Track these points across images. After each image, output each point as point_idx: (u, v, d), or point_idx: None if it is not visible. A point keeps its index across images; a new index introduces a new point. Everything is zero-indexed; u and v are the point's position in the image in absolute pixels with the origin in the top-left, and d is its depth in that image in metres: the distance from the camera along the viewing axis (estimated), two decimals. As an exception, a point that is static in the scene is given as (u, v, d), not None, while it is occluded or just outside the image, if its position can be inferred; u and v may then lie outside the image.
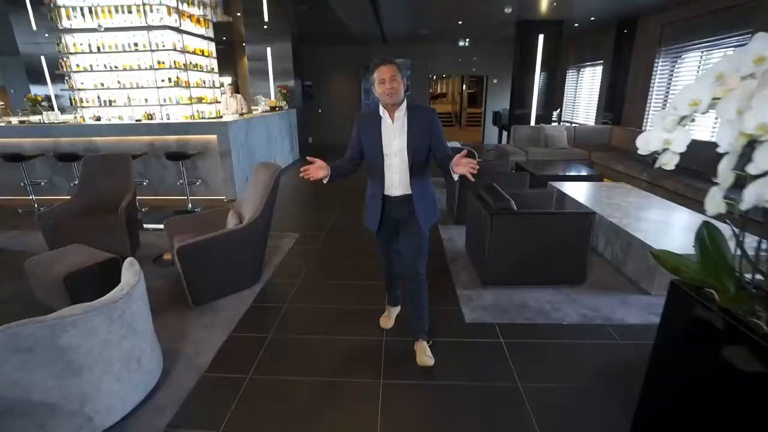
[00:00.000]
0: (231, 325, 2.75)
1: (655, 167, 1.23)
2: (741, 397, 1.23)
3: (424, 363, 2.29)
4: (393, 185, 2.17)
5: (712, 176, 1.11)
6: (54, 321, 1.59)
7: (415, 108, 2.13)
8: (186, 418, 1.98)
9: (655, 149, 1.22)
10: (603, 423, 1.92)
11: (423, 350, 2.34)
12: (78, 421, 1.75)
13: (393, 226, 2.30)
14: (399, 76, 2.02)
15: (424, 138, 2.09)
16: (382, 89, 2.02)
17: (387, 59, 2.04)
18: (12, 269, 3.69)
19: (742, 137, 0.93)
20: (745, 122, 0.90)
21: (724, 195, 1.03)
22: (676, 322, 1.52)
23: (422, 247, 2.25)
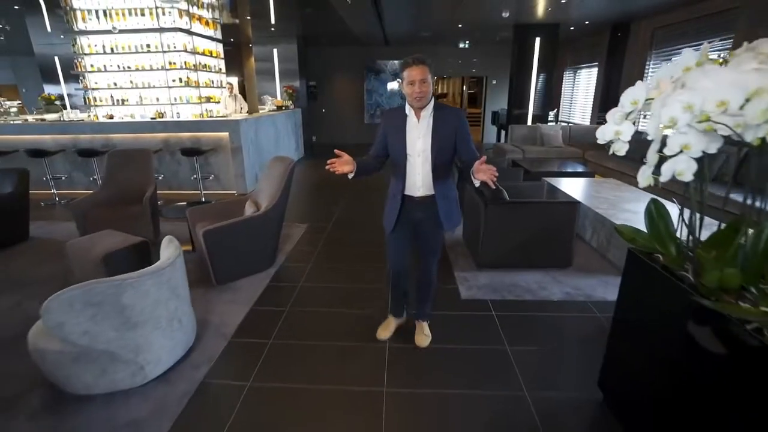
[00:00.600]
0: (251, 300, 3.08)
1: (609, 153, 1.54)
2: (679, 337, 1.55)
3: (420, 343, 2.48)
4: (415, 185, 2.14)
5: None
6: (118, 282, 1.92)
7: (442, 108, 2.07)
8: (219, 373, 2.30)
9: (609, 139, 1.54)
10: (576, 375, 2.24)
11: (422, 329, 2.54)
12: (132, 368, 2.07)
13: (411, 227, 2.26)
14: (429, 78, 1.96)
15: (448, 139, 2.05)
16: (411, 91, 1.96)
17: (418, 59, 1.95)
18: (48, 254, 4.03)
19: (661, 128, 1.25)
20: (662, 116, 1.21)
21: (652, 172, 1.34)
22: (632, 282, 1.84)
23: (439, 246, 2.30)
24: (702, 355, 1.40)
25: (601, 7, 6.96)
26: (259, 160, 6.77)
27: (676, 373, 1.55)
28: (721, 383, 1.31)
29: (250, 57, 11.56)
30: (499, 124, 10.95)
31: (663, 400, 1.61)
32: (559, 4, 6.55)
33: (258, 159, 6.70)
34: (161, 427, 1.91)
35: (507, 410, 2.02)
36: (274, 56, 9.61)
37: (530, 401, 2.07)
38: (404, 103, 2.11)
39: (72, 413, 1.99)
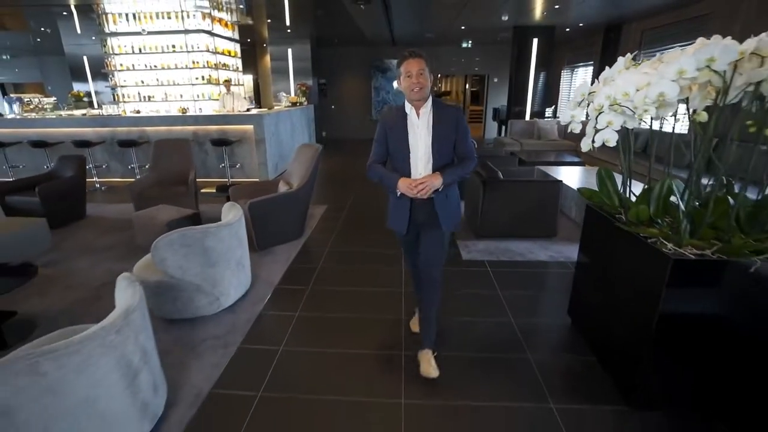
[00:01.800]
0: (288, 260, 3.72)
1: (567, 132, 2.16)
2: (614, 262, 2.17)
3: (428, 374, 2.15)
4: None
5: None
6: (203, 229, 2.56)
7: (440, 105, 2.05)
8: (272, 307, 2.94)
9: (568, 120, 2.15)
10: (552, 309, 2.86)
11: (428, 361, 2.19)
12: (210, 299, 2.72)
13: (416, 228, 2.20)
14: (427, 70, 1.95)
15: (449, 137, 2.02)
16: (408, 84, 1.94)
17: (415, 52, 1.94)
18: (105, 228, 4.70)
19: (594, 110, 1.86)
20: (595, 103, 1.83)
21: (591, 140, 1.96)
22: (589, 229, 2.47)
23: (444, 247, 2.21)
24: (625, 266, 2.03)
25: (594, 11, 7.55)
26: (279, 151, 7.41)
27: (611, 288, 2.18)
28: (636, 283, 1.93)
29: (265, 56, 12.20)
30: (500, 119, 11.54)
31: (605, 308, 2.24)
32: (555, 7, 7.14)
33: (278, 150, 7.35)
34: (236, 339, 2.56)
35: (497, 331, 2.65)
36: (288, 55, 10.25)
37: (515, 325, 2.70)
38: (402, 102, 2.08)
39: (168, 331, 2.64)
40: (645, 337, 1.85)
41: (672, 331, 1.80)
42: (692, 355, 1.85)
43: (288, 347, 2.50)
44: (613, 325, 2.17)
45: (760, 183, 1.78)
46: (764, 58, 1.48)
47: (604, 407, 2.00)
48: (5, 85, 13.93)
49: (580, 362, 2.34)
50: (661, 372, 1.90)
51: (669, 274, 1.70)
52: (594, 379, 2.20)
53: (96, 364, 1.47)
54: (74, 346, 1.40)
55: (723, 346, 1.82)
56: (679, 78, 1.53)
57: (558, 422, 1.92)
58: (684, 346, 1.83)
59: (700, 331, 1.81)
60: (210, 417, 1.96)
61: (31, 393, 1.33)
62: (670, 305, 1.75)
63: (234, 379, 2.23)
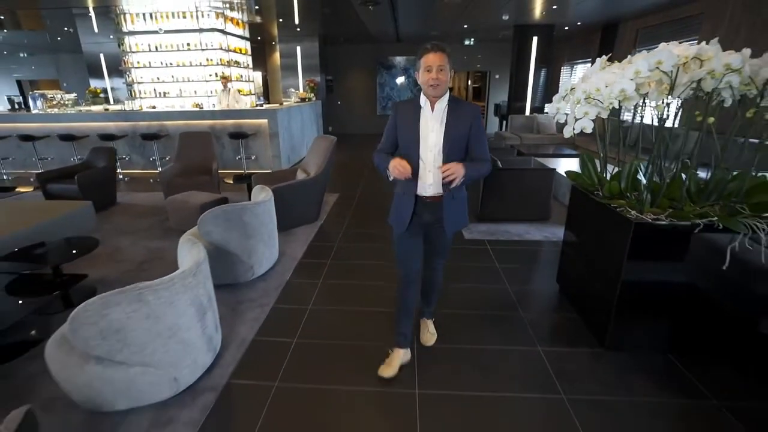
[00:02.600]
0: (308, 240, 4.14)
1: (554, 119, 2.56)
2: (596, 233, 2.57)
3: (426, 341, 2.45)
4: (426, 183, 2.01)
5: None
6: (241, 205, 2.98)
7: (458, 102, 1.98)
8: (298, 276, 3.37)
9: (554, 112, 2.55)
10: (543, 278, 3.28)
11: (427, 328, 2.51)
12: (245, 268, 3.14)
13: (421, 231, 2.15)
14: (448, 66, 1.87)
15: (462, 136, 1.94)
16: (427, 78, 1.86)
17: (438, 45, 1.85)
18: (136, 213, 5.13)
19: (574, 103, 2.26)
20: (574, 96, 2.23)
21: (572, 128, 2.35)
22: (574, 206, 2.88)
23: (447, 249, 2.25)
24: (599, 233, 2.44)
25: (591, 11, 7.90)
26: (291, 144, 7.82)
27: (590, 254, 2.59)
28: (607, 246, 2.34)
29: (273, 53, 12.61)
30: (501, 115, 11.92)
31: (585, 271, 2.66)
32: (554, 8, 7.51)
33: (290, 143, 7.76)
34: (269, 301, 2.98)
35: (495, 295, 3.07)
36: (297, 53, 10.63)
37: (511, 291, 3.12)
38: (419, 95, 2.01)
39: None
40: (614, 290, 2.26)
41: (634, 285, 2.21)
42: (651, 304, 2.27)
43: (315, 306, 2.92)
44: (591, 284, 2.59)
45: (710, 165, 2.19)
46: (703, 61, 1.88)
47: (581, 349, 2.42)
48: (22, 82, 14.35)
49: (565, 318, 2.76)
50: (626, 319, 2.31)
51: (631, 235, 2.11)
52: (575, 330, 2.62)
53: (179, 300, 1.89)
54: (166, 284, 1.83)
55: (674, 295, 2.23)
56: (636, 77, 1.93)
57: (543, 360, 2.34)
58: (644, 296, 2.25)
59: (657, 283, 2.22)
60: (256, 356, 2.39)
61: (137, 316, 1.76)
62: (632, 262, 2.16)
63: (271, 330, 2.65)
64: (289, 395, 2.09)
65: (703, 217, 2.05)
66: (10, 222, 3.38)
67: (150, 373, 1.88)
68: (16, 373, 2.23)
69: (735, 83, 1.80)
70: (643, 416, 1.93)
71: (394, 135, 2.07)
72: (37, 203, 4.06)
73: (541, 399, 2.06)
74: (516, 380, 2.18)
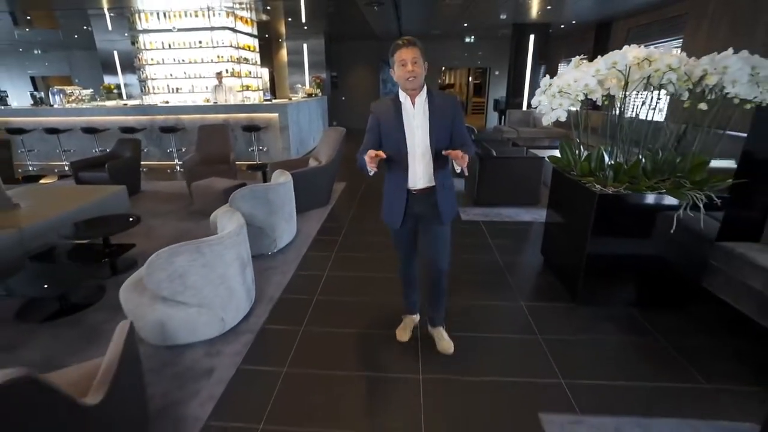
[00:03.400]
0: (320, 220, 4.59)
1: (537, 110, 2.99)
2: (569, 206, 3.02)
3: (444, 349, 2.34)
4: (417, 177, 2.06)
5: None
6: (266, 186, 3.43)
7: (435, 93, 2.02)
8: (313, 250, 3.82)
9: (536, 104, 2.99)
10: (530, 251, 3.73)
11: (441, 336, 2.40)
12: (269, 241, 3.59)
13: (414, 222, 2.20)
14: (421, 59, 1.90)
15: (446, 126, 1.98)
16: (402, 73, 1.90)
17: (409, 41, 1.89)
18: (159, 199, 5.58)
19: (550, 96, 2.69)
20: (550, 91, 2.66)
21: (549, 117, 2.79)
22: (554, 186, 3.32)
23: (447, 240, 2.21)
24: (572, 206, 2.89)
25: (585, 10, 8.30)
26: (299, 137, 8.27)
27: (565, 224, 3.03)
28: (578, 216, 2.79)
29: (280, 50, 13.02)
30: (500, 110, 12.33)
31: (562, 240, 3.11)
32: (548, 8, 7.91)
33: (299, 135, 8.20)
34: (290, 268, 3.43)
35: (487, 264, 3.52)
36: (304, 50, 11.06)
37: (501, 262, 3.57)
38: (396, 91, 2.04)
39: (238, 262, 3.51)
40: (582, 253, 2.71)
41: (599, 248, 2.66)
42: (613, 265, 2.72)
43: (330, 273, 3.38)
44: (566, 249, 3.04)
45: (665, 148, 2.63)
46: (651, 62, 2.32)
47: (557, 304, 2.87)
48: (35, 78, 14.80)
49: (545, 281, 3.21)
50: (594, 278, 2.76)
51: (596, 204, 2.56)
52: (553, 290, 3.07)
53: (227, 254, 2.35)
54: (217, 239, 2.28)
55: (633, 257, 2.68)
56: (597, 74, 2.37)
57: (524, 311, 2.79)
58: (608, 258, 2.70)
59: (618, 247, 2.67)
60: (284, 308, 2.85)
61: (196, 265, 2.21)
62: (597, 228, 2.61)
63: (294, 290, 3.11)
64: (314, 337, 2.55)
65: (654, 189, 2.50)
66: (61, 203, 3.85)
67: (204, 314, 2.34)
68: (83, 324, 2.69)
69: (674, 79, 2.24)
70: (602, 350, 2.39)
71: (377, 136, 2.06)
72: (80, 188, 4.54)
73: (519, 338, 2.51)
74: (500, 325, 2.64)
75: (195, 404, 1.99)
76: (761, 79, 2.16)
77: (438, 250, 2.20)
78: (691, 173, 2.51)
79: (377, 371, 2.24)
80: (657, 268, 2.69)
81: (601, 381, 2.13)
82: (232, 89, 8.76)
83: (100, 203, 4.11)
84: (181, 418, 1.91)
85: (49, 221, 3.50)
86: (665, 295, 2.78)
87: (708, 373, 2.17)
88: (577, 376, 2.17)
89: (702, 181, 2.45)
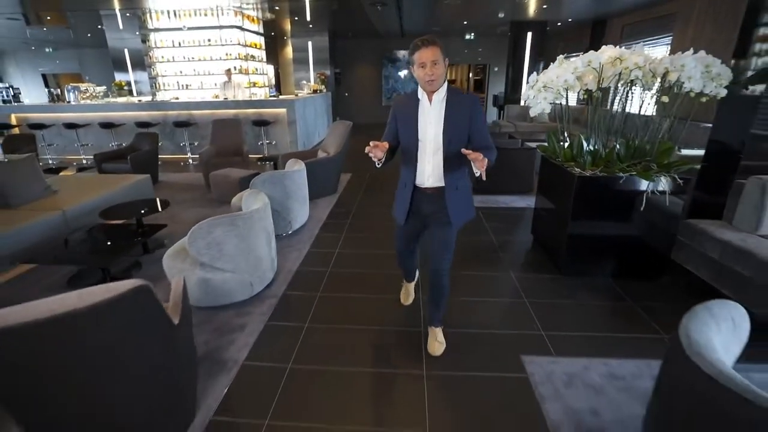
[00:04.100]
0: (329, 206, 4.98)
1: (525, 103, 3.36)
2: (554, 189, 3.38)
3: (434, 351, 2.31)
4: (425, 175, 2.05)
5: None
6: (283, 172, 3.81)
7: (456, 93, 1.98)
8: (324, 231, 4.20)
9: (525, 98, 3.35)
10: (521, 231, 4.10)
11: (435, 336, 2.36)
12: (285, 223, 3.97)
13: (421, 220, 2.20)
14: (441, 58, 1.87)
15: (462, 127, 1.93)
16: (422, 74, 1.88)
17: (429, 40, 1.85)
18: (178, 188, 5.97)
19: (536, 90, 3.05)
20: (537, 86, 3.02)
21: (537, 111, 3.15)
22: (543, 172, 3.69)
23: (450, 243, 2.16)
24: (556, 188, 3.26)
25: (580, 8, 8.64)
26: (306, 131, 8.64)
27: (552, 205, 3.41)
28: (561, 196, 3.16)
29: (285, 48, 13.36)
30: (499, 105, 12.66)
31: (549, 219, 3.48)
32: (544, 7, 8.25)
33: (305, 130, 8.57)
34: (305, 246, 3.81)
35: (481, 244, 3.89)
36: (309, 47, 11.41)
37: (495, 241, 3.94)
38: (416, 87, 2.03)
39: (258, 242, 3.90)
40: (565, 230, 3.08)
41: (579, 225, 3.03)
42: (592, 240, 3.09)
43: (341, 250, 3.76)
44: (552, 227, 3.41)
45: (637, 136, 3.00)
46: (622, 61, 2.68)
47: (543, 275, 3.25)
48: (46, 75, 15.17)
49: (534, 257, 3.59)
50: (576, 251, 3.14)
51: (576, 186, 2.93)
52: (541, 264, 3.45)
53: (256, 227, 2.73)
54: (248, 214, 2.66)
55: (609, 233, 3.05)
56: (575, 71, 2.74)
57: (514, 280, 3.17)
58: (587, 234, 3.07)
59: (596, 224, 3.04)
60: (301, 278, 3.23)
61: (231, 235, 2.59)
62: (577, 207, 2.99)
63: (310, 263, 3.49)
64: (329, 300, 2.93)
65: (626, 172, 2.87)
66: (93, 190, 4.23)
67: (236, 279, 2.72)
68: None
69: (640, 76, 2.60)
70: (579, 311, 2.77)
71: (395, 129, 2.10)
72: (108, 176, 4.92)
73: (509, 301, 2.89)
74: (492, 291, 3.02)
75: (233, 349, 2.38)
76: (714, 76, 2.52)
77: (439, 250, 2.17)
78: (659, 158, 2.88)
79: (384, 326, 2.62)
80: (632, 243, 3.07)
81: (576, 333, 2.52)
82: (240, 85, 9.10)
83: (128, 190, 4.49)
84: (222, 360, 2.30)
85: (86, 204, 3.90)
86: (639, 266, 3.15)
87: (666, 326, 2.55)
88: (555, 329, 2.55)
89: (668, 164, 2.82)
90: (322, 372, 2.22)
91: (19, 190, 3.80)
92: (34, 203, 3.84)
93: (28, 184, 3.91)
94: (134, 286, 1.30)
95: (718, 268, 2.77)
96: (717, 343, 1.34)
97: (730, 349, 1.45)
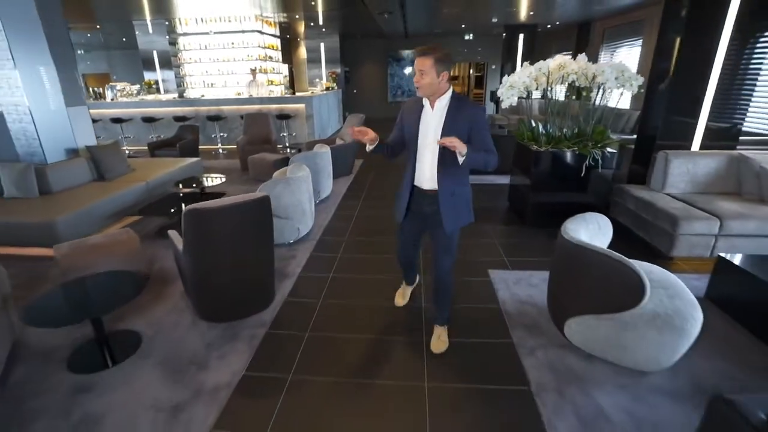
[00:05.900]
0: (347, 184, 6.09)
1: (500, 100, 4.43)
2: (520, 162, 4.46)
3: (437, 349, 2.37)
4: (423, 177, 2.13)
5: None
6: (314, 152, 4.91)
7: (460, 101, 2.02)
8: (344, 204, 5.30)
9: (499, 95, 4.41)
10: (500, 201, 5.18)
11: (439, 335, 2.42)
12: (315, 192, 5.07)
13: (421, 220, 2.27)
14: (430, 69, 1.92)
15: (459, 136, 1.89)
16: (414, 80, 2.00)
17: (423, 51, 1.93)
18: (220, 171, 7.08)
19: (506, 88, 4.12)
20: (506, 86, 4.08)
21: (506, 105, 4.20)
22: (517, 153, 4.77)
23: (449, 246, 2.21)
24: (522, 161, 4.35)
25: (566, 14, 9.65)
26: (321, 124, 9.73)
27: (519, 175, 4.49)
28: (525, 167, 4.24)
29: (298, 48, 14.45)
30: (495, 101, 13.70)
31: (518, 185, 4.57)
32: (532, 12, 9.28)
33: (320, 123, 9.67)
34: (330, 210, 4.92)
35: (468, 208, 4.98)
36: (321, 48, 12.49)
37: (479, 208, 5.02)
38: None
39: (294, 207, 5.02)
40: (528, 191, 4.17)
41: (537, 188, 4.12)
42: (547, 197, 4.17)
43: (360, 213, 4.88)
44: (520, 191, 4.50)
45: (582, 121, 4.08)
46: (564, 67, 3.75)
47: (511, 227, 4.35)
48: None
49: (507, 216, 4.69)
50: (536, 208, 4.22)
51: (533, 158, 4.01)
52: (511, 219, 4.55)
53: (302, 186, 3.85)
54: (298, 177, 3.77)
55: (559, 192, 4.13)
56: (530, 75, 3.81)
57: (490, 230, 4.26)
58: (543, 193, 4.16)
59: (549, 186, 4.13)
60: (331, 229, 4.35)
61: (286, 191, 3.70)
62: (535, 173, 4.07)
63: (337, 220, 4.61)
64: (353, 244, 4.04)
65: (570, 148, 3.94)
66: (160, 169, 5.36)
67: (289, 225, 3.83)
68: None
69: (576, 79, 3.68)
70: (533, 247, 3.85)
71: (401, 129, 2.21)
72: (167, 159, 6.05)
73: (483, 241, 3.99)
74: (471, 237, 4.12)
75: (292, 266, 3.50)
76: (626, 79, 3.59)
77: (439, 252, 2.24)
78: (594, 137, 3.95)
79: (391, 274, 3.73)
80: (579, 201, 4.14)
81: (527, 258, 3.61)
82: (262, 84, 10.20)
83: (184, 169, 5.62)
84: (285, 273, 3.41)
85: (160, 178, 5.03)
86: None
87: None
88: (514, 256, 3.65)
89: (601, 143, 3.89)
90: (355, 279, 3.34)
91: (111, 167, 4.94)
92: (122, 177, 4.97)
93: (115, 163, 5.04)
94: (263, 195, 2.41)
95: (634, 216, 3.85)
96: (582, 234, 2.43)
97: (596, 240, 2.54)
